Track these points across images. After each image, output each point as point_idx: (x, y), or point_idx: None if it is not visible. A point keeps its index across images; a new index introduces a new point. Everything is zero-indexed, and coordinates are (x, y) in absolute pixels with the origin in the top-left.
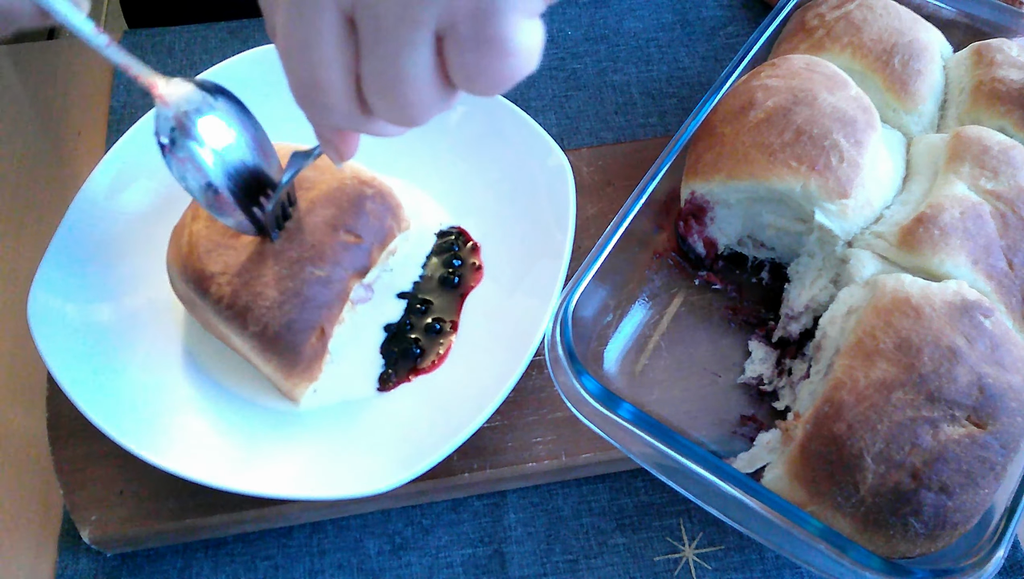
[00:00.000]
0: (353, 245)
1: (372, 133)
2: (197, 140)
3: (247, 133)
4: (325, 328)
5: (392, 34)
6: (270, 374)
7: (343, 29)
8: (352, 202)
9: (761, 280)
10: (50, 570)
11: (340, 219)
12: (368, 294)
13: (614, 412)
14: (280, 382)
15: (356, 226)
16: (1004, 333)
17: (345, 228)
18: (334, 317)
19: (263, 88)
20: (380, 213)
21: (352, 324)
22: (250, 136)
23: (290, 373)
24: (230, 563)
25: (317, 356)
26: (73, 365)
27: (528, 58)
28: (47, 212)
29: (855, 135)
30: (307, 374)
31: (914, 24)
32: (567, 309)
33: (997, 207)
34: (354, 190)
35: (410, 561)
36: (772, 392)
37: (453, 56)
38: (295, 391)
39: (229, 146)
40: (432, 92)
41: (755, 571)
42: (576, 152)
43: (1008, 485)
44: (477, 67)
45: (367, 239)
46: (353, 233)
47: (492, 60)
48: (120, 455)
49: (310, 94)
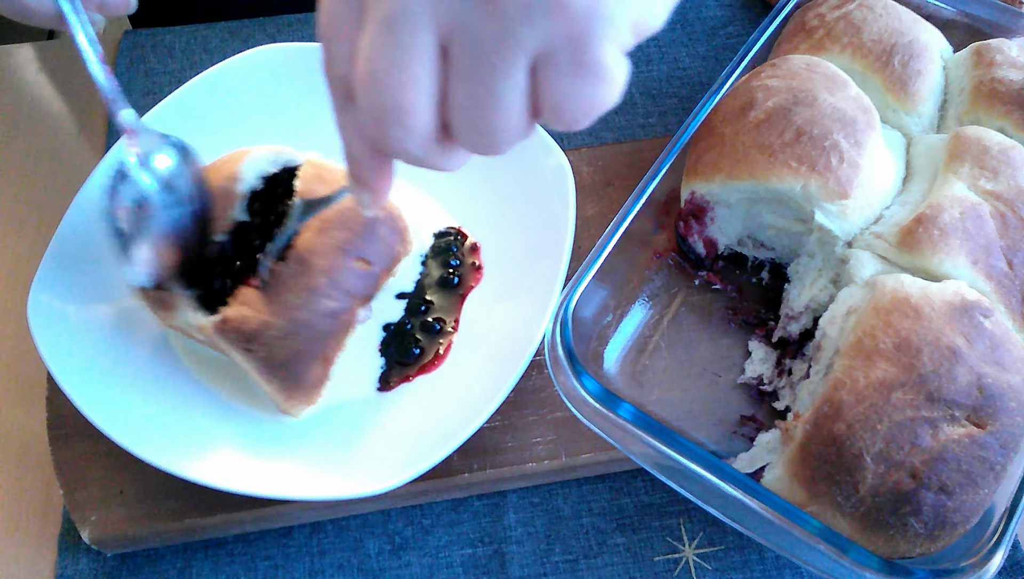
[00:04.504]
0: (363, 272)
1: (436, 165)
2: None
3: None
4: (329, 356)
5: (490, 58)
6: (268, 392)
7: (437, 52)
8: (365, 226)
9: (761, 280)
10: (50, 570)
11: (352, 244)
12: (368, 314)
13: (614, 412)
14: (278, 401)
15: (367, 252)
16: (1004, 333)
17: (357, 254)
18: (339, 346)
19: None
20: (390, 238)
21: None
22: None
23: (290, 397)
24: (230, 563)
25: (319, 382)
26: (73, 365)
27: (617, 88)
28: (47, 212)
29: (855, 135)
30: (307, 399)
31: (914, 24)
32: (567, 309)
33: (997, 207)
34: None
35: (410, 561)
36: (772, 392)
37: (548, 82)
38: (292, 411)
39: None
40: (521, 119)
41: (755, 571)
42: (576, 152)
43: (1008, 485)
44: (571, 92)
45: (376, 265)
46: (364, 260)
47: (587, 86)
48: (120, 455)
49: (393, 117)
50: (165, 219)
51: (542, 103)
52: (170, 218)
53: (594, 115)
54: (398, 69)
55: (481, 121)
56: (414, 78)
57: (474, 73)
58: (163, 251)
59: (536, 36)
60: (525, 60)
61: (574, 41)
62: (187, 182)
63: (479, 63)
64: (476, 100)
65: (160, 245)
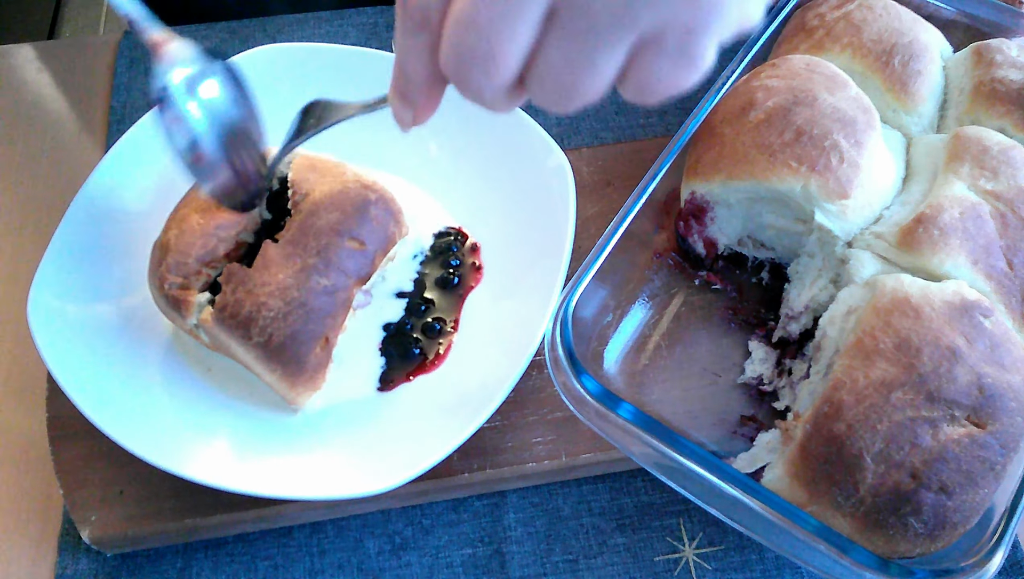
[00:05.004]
0: (357, 252)
1: (495, 109)
2: (190, 99)
3: (240, 105)
4: (329, 337)
5: (601, 30)
6: (273, 383)
7: (544, 13)
8: (356, 207)
9: (761, 280)
10: (50, 570)
11: (345, 224)
12: (368, 299)
13: (614, 412)
14: (284, 391)
15: (361, 232)
16: (1004, 333)
17: (350, 234)
18: (338, 326)
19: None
20: (383, 219)
21: (352, 325)
22: (243, 109)
23: (294, 383)
24: (230, 563)
25: (321, 365)
26: (73, 365)
27: (700, 77)
28: (47, 212)
29: (855, 135)
30: (311, 383)
31: (914, 24)
32: (567, 309)
33: (997, 207)
34: (358, 194)
35: (410, 561)
36: (772, 392)
37: (648, 61)
38: (299, 399)
39: (219, 111)
40: (604, 87)
41: (755, 571)
42: (576, 152)
43: (1008, 485)
44: (665, 75)
45: (371, 246)
46: (358, 240)
47: (682, 71)
48: (120, 455)
49: (480, 62)
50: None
51: (631, 77)
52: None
53: (673, 95)
54: (502, 20)
55: (569, 84)
56: (515, 33)
57: (578, 40)
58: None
59: (653, 19)
60: (633, 38)
61: (688, 30)
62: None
63: (587, 32)
64: (571, 65)
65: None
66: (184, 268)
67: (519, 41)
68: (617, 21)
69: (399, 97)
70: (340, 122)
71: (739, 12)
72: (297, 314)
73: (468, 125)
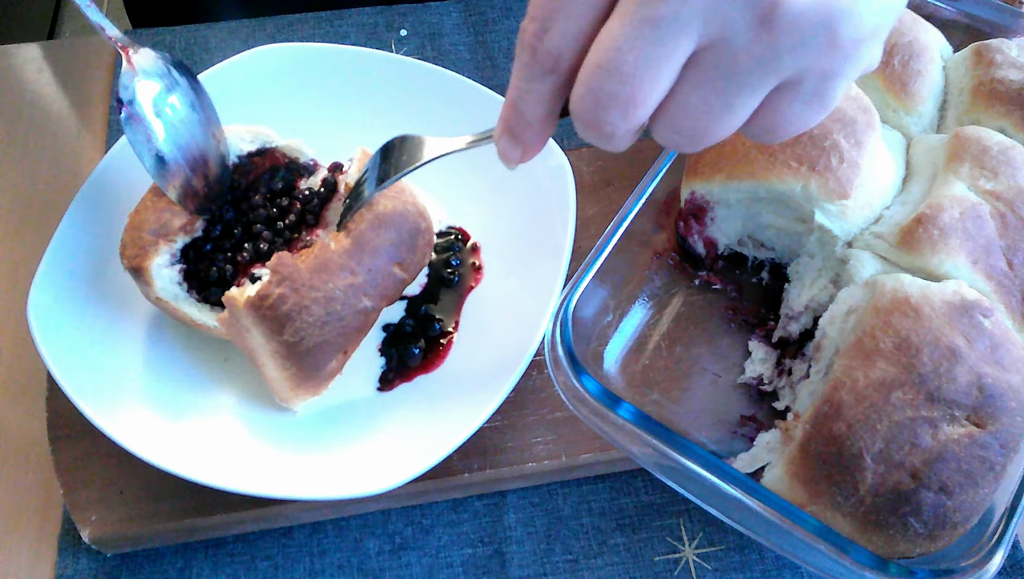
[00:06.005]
0: (398, 277)
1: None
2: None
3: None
4: (348, 351)
5: (744, 76)
6: (277, 379)
7: (686, 58)
8: (410, 232)
9: (761, 280)
10: (50, 570)
11: (398, 250)
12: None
13: (614, 412)
14: (284, 390)
15: (407, 259)
16: (1004, 333)
17: (398, 259)
18: (358, 344)
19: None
20: (424, 250)
21: None
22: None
23: (300, 385)
24: (230, 563)
25: (332, 375)
26: (73, 365)
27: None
28: (47, 212)
29: (855, 135)
30: (315, 390)
31: (914, 24)
32: (567, 309)
33: (996, 207)
34: (413, 220)
35: (410, 561)
36: (772, 392)
37: (783, 104)
38: (295, 401)
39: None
40: (733, 129)
41: (755, 571)
42: (576, 152)
43: (1008, 485)
44: (796, 117)
45: (409, 274)
46: (403, 267)
47: (813, 113)
48: (120, 455)
49: (620, 106)
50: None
51: (762, 118)
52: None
53: (795, 134)
54: (647, 66)
55: (703, 127)
56: (657, 77)
57: (719, 85)
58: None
59: (796, 65)
60: (774, 82)
61: (826, 76)
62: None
63: (729, 78)
64: (709, 108)
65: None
66: (140, 241)
67: (661, 86)
68: (761, 67)
69: (510, 136)
70: (439, 159)
71: (869, 56)
72: (333, 326)
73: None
